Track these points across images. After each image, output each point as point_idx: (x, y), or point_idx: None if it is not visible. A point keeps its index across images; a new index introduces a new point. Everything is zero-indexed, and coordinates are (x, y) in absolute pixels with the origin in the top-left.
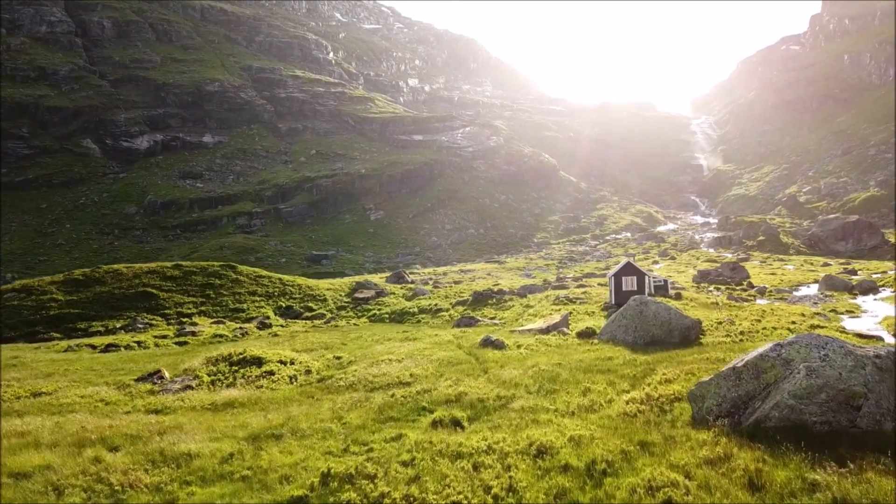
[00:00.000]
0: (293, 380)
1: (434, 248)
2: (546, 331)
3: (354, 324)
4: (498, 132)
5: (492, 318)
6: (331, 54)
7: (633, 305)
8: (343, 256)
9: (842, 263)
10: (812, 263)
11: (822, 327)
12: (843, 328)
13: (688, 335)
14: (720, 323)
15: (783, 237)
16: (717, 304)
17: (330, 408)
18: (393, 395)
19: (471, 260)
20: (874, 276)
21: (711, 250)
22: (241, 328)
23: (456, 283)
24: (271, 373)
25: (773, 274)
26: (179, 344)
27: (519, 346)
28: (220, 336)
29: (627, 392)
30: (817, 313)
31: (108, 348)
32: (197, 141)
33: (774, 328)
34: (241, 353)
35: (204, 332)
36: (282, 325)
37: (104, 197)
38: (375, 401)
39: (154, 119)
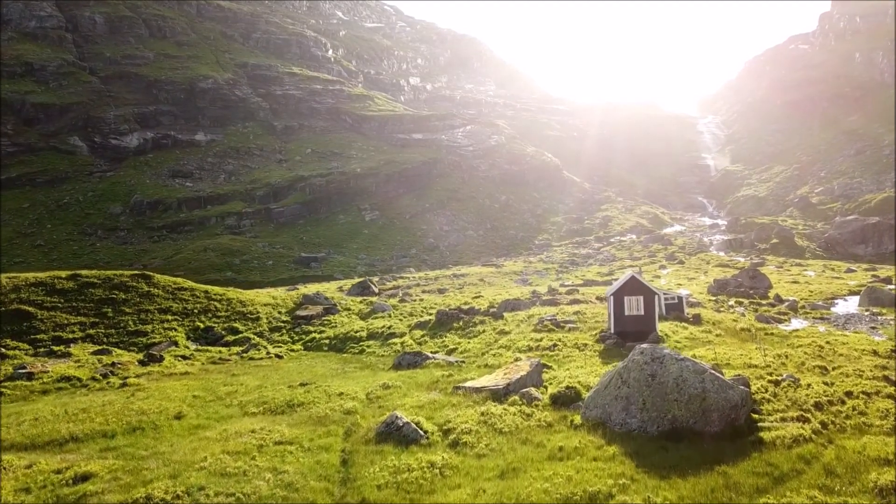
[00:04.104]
0: None
1: (431, 249)
2: (505, 393)
3: (277, 354)
4: (499, 131)
5: (449, 353)
6: (330, 52)
7: (639, 362)
8: (334, 259)
9: (867, 269)
10: (834, 269)
11: None
12: None
13: (734, 419)
14: (775, 383)
15: (798, 240)
16: (749, 331)
17: None
18: None
19: (468, 263)
20: None
21: (722, 253)
22: (112, 364)
23: (440, 291)
24: None
25: (795, 282)
26: None
27: (446, 435)
28: (70, 379)
29: None
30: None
31: None
32: (189, 139)
33: (866, 394)
34: None
35: (48, 373)
36: (181, 357)
37: (89, 196)
38: None
39: (145, 116)
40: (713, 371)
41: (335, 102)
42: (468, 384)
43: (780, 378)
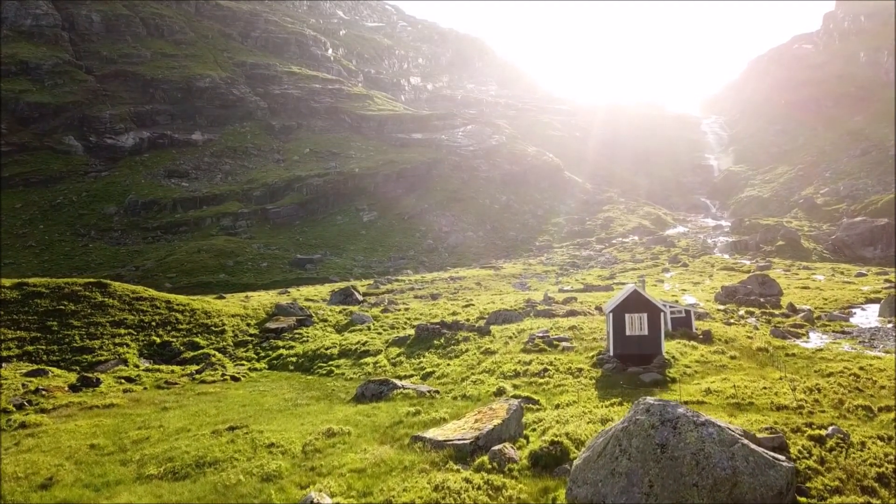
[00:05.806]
0: None
1: (430, 251)
2: (473, 450)
3: (233, 376)
4: (500, 130)
5: (424, 377)
6: (329, 51)
7: (644, 426)
8: (330, 260)
9: (878, 273)
10: (843, 273)
11: None
12: None
13: None
14: (819, 441)
15: (804, 242)
16: (767, 350)
17: None
18: None
19: (467, 265)
20: None
21: (727, 256)
22: (36, 391)
23: (433, 296)
24: None
25: (805, 288)
26: None
27: None
28: None
29: None
30: None
31: None
32: (185, 139)
33: None
34: None
35: None
36: (125, 378)
37: (83, 196)
38: None
39: (141, 116)
40: (746, 441)
41: (334, 102)
42: (430, 434)
43: (824, 433)
